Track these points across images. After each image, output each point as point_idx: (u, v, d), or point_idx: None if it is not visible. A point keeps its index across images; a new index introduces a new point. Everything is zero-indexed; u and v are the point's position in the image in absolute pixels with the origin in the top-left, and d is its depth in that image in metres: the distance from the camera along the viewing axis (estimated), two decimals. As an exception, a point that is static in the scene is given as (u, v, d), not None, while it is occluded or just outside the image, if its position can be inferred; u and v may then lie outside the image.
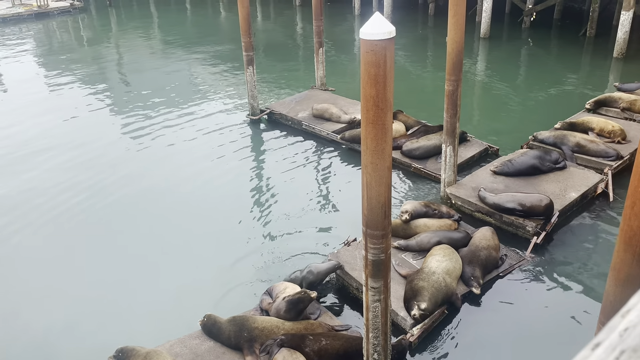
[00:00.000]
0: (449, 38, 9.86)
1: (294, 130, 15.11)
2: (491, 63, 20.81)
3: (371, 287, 5.98)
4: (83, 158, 14.15)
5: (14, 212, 11.75)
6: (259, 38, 25.29)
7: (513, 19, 25.50)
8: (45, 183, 12.90)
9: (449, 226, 9.89)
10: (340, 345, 7.33)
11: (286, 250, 10.06)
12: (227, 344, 7.58)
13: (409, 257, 9.30)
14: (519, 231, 10.04)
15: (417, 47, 23.38)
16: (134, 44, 26.55)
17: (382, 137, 5.27)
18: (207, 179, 12.84)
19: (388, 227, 5.73)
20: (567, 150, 12.13)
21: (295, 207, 11.42)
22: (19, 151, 14.68)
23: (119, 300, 9.02)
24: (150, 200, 12.02)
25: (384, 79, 5.06)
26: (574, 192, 10.73)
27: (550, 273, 9.16)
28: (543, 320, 8.28)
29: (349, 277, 8.86)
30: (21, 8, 33.18)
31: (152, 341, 7.61)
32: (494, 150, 13.10)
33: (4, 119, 17.08)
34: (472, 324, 8.24)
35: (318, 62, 16.71)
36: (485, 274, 8.87)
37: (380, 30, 4.91)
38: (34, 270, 9.89)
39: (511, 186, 10.93)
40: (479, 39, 23.12)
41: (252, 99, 15.56)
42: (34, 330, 8.46)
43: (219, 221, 11.12)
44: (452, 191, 10.93)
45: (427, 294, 7.97)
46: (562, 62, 20.46)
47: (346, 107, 15.36)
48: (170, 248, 10.30)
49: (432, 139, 12.76)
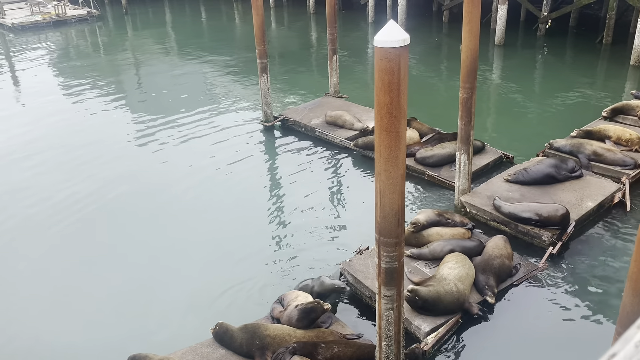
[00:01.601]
0: (463, 45, 9.82)
1: (307, 137, 15.12)
2: (506, 70, 20.69)
3: (384, 295, 5.93)
4: (97, 161, 14.31)
5: (23, 209, 11.88)
6: (273, 45, 25.41)
7: (528, 27, 25.36)
8: (57, 186, 13.05)
9: (462, 235, 9.81)
10: (352, 353, 7.28)
11: (298, 258, 10.04)
12: (238, 352, 7.56)
13: (422, 266, 9.23)
14: (535, 241, 9.92)
15: (431, 55, 23.33)
16: (149, 51, 26.81)
17: (395, 144, 5.25)
18: (220, 185, 12.88)
19: (401, 235, 5.69)
20: (583, 159, 11.99)
21: (307, 215, 11.40)
22: (39, 152, 14.86)
23: (130, 307, 9.05)
24: (162, 205, 12.08)
25: (398, 87, 5.04)
26: (591, 202, 10.58)
27: (565, 283, 9.03)
28: (558, 329, 8.16)
29: (362, 286, 8.81)
30: (40, 16, 33.69)
31: (163, 349, 7.61)
32: (509, 158, 12.99)
33: (22, 122, 17.33)
34: (486, 332, 8.15)
35: (332, 70, 16.73)
36: (499, 283, 8.78)
37: (395, 38, 4.89)
38: (41, 277, 9.97)
39: (527, 195, 10.82)
40: (494, 46, 23.01)
41: (266, 105, 15.62)
42: (42, 339, 8.49)
43: (231, 227, 11.13)
44: (467, 199, 10.84)
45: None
46: (578, 69, 20.27)
47: (359, 114, 15.34)
48: (182, 254, 10.33)
49: (446, 146, 12.69)
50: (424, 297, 7.99)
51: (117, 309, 9.03)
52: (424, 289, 8.07)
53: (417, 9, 29.02)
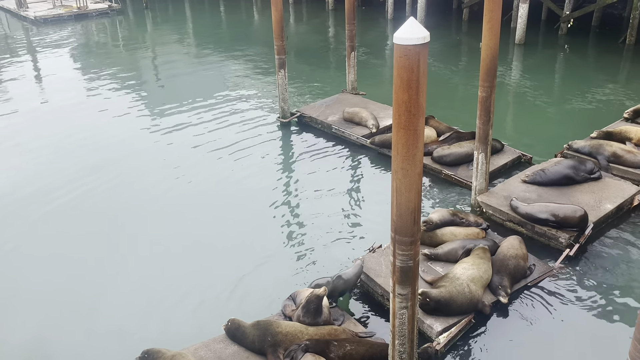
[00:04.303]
0: (483, 44, 9.72)
1: (324, 133, 15.10)
2: (526, 70, 20.45)
3: (398, 293, 5.91)
4: (113, 155, 14.46)
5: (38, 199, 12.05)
6: (291, 41, 25.40)
7: (549, 26, 25.03)
8: (73, 176, 13.27)
9: (477, 235, 9.74)
10: (365, 351, 7.26)
11: (311, 256, 10.04)
12: (250, 348, 7.58)
13: (436, 265, 9.18)
14: (552, 242, 9.81)
15: (450, 53, 23.14)
16: (168, 45, 26.97)
17: (413, 142, 5.21)
18: (235, 180, 12.92)
19: (417, 233, 5.66)
20: (602, 160, 11.81)
21: (321, 212, 11.39)
22: (58, 143, 15.05)
23: (144, 302, 9.12)
24: (177, 200, 12.15)
25: (417, 84, 5.00)
26: (609, 204, 10.43)
27: (581, 286, 8.92)
28: (572, 333, 8.08)
29: (374, 284, 8.78)
30: (61, 9, 34.10)
31: (176, 344, 7.65)
32: (527, 158, 12.85)
33: (43, 113, 17.59)
34: (499, 333, 8.09)
35: (349, 66, 16.68)
36: (514, 284, 8.70)
37: (415, 35, 4.85)
38: (53, 271, 10.08)
39: (544, 196, 10.69)
40: (514, 45, 22.76)
41: (283, 101, 15.62)
42: (55, 332, 8.59)
43: (245, 223, 11.16)
44: (483, 199, 10.75)
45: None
46: (599, 69, 19.97)
47: (377, 111, 15.28)
48: (195, 250, 10.38)
49: (463, 146, 12.59)
50: (436, 298, 7.93)
51: (131, 303, 9.11)
52: (435, 291, 8.01)
53: (437, 7, 28.79)
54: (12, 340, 8.42)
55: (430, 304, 7.92)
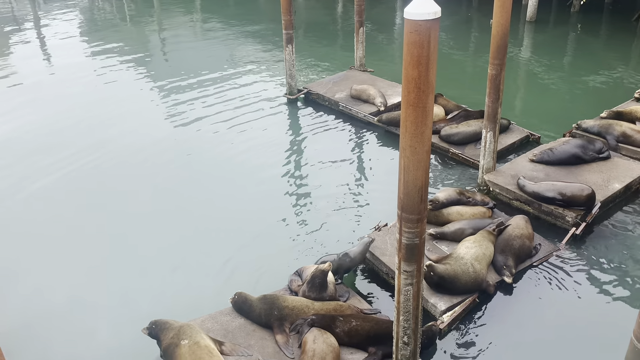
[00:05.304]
0: (494, 20, 9.59)
1: (331, 110, 15.02)
2: (536, 47, 20.17)
3: (404, 270, 5.93)
4: (116, 128, 14.49)
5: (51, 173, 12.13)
6: (299, 17, 25.11)
7: (561, 2, 24.59)
8: (76, 148, 13.34)
9: (483, 214, 9.73)
10: (370, 327, 7.34)
11: (317, 232, 10.07)
12: (257, 322, 7.68)
13: (442, 244, 9.21)
14: (558, 221, 9.80)
15: (460, 29, 22.84)
16: (175, 20, 26.74)
17: (422, 120, 5.17)
18: (241, 157, 12.91)
19: (424, 211, 5.65)
20: (611, 140, 11.72)
21: (327, 189, 11.40)
22: (65, 119, 15.07)
23: (152, 274, 9.22)
24: (184, 177, 12.17)
25: (427, 61, 4.94)
26: (618, 183, 10.39)
27: (586, 266, 8.93)
28: (577, 313, 8.12)
29: (379, 262, 8.83)
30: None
31: (183, 315, 7.75)
32: (536, 138, 12.76)
33: (47, 88, 17.57)
34: (503, 313, 8.14)
35: (358, 42, 16.50)
36: (518, 263, 8.73)
37: (426, 10, 4.78)
38: (65, 241, 10.19)
39: (552, 175, 10.65)
40: (525, 22, 22.42)
41: (290, 78, 15.52)
42: (63, 303, 8.71)
43: (251, 199, 11.20)
44: (490, 178, 10.72)
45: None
46: (611, 48, 19.68)
47: (385, 89, 15.17)
48: (203, 225, 10.43)
49: (472, 124, 12.50)
50: (441, 274, 7.99)
51: (138, 275, 9.21)
52: (441, 266, 8.07)
53: (447, -18, 28.34)
54: (12, 314, 8.54)
55: (434, 278, 7.98)
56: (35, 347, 7.90)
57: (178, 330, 7.10)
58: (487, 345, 7.63)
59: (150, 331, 7.30)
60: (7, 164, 12.93)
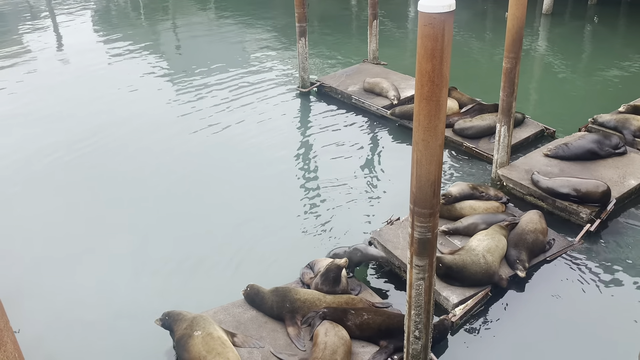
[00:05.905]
0: (509, 13, 9.49)
1: (344, 104, 14.98)
2: (553, 41, 19.94)
3: (416, 264, 5.92)
4: (129, 116, 14.62)
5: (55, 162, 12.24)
6: (313, 9, 25.04)
7: (578, -5, 24.28)
8: (88, 133, 13.52)
9: (496, 209, 9.67)
10: (381, 321, 7.34)
11: (329, 225, 10.08)
12: (269, 314, 7.71)
13: (455, 239, 9.17)
14: (572, 217, 9.71)
15: (474, 22, 22.62)
16: (188, 12, 26.78)
17: (435, 114, 5.14)
18: (253, 149, 12.93)
19: (436, 205, 5.63)
20: (628, 135, 11.57)
21: (340, 182, 11.39)
22: (75, 110, 15.19)
23: (164, 266, 9.28)
24: (196, 169, 12.22)
25: (441, 54, 4.90)
26: (634, 180, 10.26)
27: (600, 263, 8.84)
28: (589, 309, 8.07)
29: (391, 256, 8.82)
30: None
31: (196, 307, 7.81)
32: (551, 132, 12.63)
33: (59, 78, 17.73)
34: (515, 307, 8.10)
35: (371, 35, 16.42)
36: (532, 258, 8.67)
37: (440, 3, 4.74)
38: (80, 232, 10.29)
39: (566, 170, 10.55)
40: (541, 15, 22.15)
41: (303, 71, 15.49)
42: (73, 292, 8.79)
43: (262, 191, 11.23)
44: (504, 173, 10.64)
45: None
46: (629, 42, 19.37)
47: (398, 82, 15.09)
48: (214, 217, 10.48)
49: (486, 118, 12.41)
50: (448, 264, 7.99)
51: (151, 266, 9.29)
52: (449, 257, 8.09)
53: (462, -25, 28.05)
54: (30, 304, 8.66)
55: (442, 269, 7.96)
56: (51, 337, 8.00)
57: (191, 321, 7.16)
58: (498, 340, 7.61)
59: (164, 322, 7.37)
60: (24, 156, 13.08)
